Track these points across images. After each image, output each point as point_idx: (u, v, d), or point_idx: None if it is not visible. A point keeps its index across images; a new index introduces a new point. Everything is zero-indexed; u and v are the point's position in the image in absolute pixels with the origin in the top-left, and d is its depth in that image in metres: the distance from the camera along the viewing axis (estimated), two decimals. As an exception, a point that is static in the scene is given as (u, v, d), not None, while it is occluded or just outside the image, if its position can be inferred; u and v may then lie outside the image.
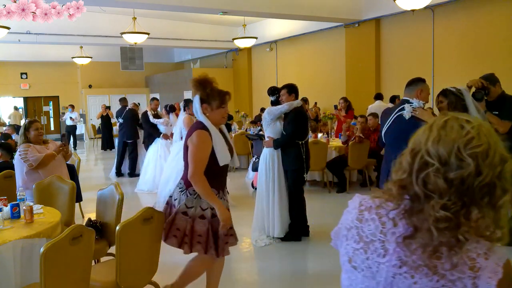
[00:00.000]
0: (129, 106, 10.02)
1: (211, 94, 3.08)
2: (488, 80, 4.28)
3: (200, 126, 3.06)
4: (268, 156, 4.98)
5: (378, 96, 10.44)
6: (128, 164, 9.81)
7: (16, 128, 9.90)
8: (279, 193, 4.95)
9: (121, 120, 9.94)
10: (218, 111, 3.10)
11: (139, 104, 10.67)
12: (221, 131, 3.19)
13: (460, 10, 9.83)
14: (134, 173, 9.62)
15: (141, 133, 9.58)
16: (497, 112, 4.28)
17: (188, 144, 3.06)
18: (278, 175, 4.95)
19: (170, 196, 3.20)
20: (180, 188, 3.12)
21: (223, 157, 3.07)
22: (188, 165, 3.03)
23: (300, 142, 4.88)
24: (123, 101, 10.21)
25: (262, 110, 13.01)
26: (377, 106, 9.77)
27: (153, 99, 9.09)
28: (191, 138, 3.05)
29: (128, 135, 9.69)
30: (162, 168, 7.51)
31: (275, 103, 5.12)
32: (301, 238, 5.03)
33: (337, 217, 1.23)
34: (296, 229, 5.03)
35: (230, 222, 3.11)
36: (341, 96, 10.25)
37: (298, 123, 4.87)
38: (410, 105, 3.49)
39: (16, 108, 18.81)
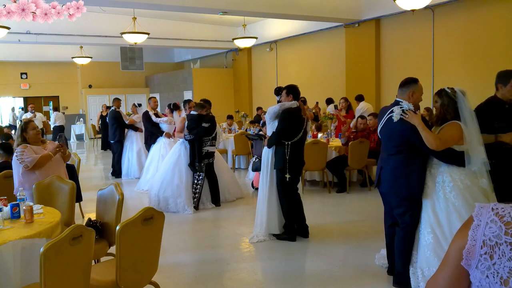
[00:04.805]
0: (114, 107, 10.01)
1: None
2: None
3: None
4: (265, 155, 5.14)
5: (360, 98, 10.38)
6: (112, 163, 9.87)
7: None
8: (270, 191, 5.07)
9: (107, 120, 10.08)
10: None
11: (140, 105, 10.64)
12: None
13: (460, 10, 9.83)
14: (117, 173, 9.60)
15: (129, 134, 9.60)
16: None
17: None
18: (271, 173, 5.07)
19: None
20: None
21: None
22: None
23: (286, 142, 4.92)
24: (113, 101, 10.20)
25: (258, 109, 13.12)
26: (361, 108, 9.91)
27: (151, 98, 9.09)
28: None
29: (109, 135, 9.77)
30: None
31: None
32: (296, 239, 5.04)
33: (337, 217, 1.21)
34: (291, 229, 5.04)
35: None
36: (341, 96, 10.26)
37: (286, 123, 4.93)
38: (400, 107, 3.50)
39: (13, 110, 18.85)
